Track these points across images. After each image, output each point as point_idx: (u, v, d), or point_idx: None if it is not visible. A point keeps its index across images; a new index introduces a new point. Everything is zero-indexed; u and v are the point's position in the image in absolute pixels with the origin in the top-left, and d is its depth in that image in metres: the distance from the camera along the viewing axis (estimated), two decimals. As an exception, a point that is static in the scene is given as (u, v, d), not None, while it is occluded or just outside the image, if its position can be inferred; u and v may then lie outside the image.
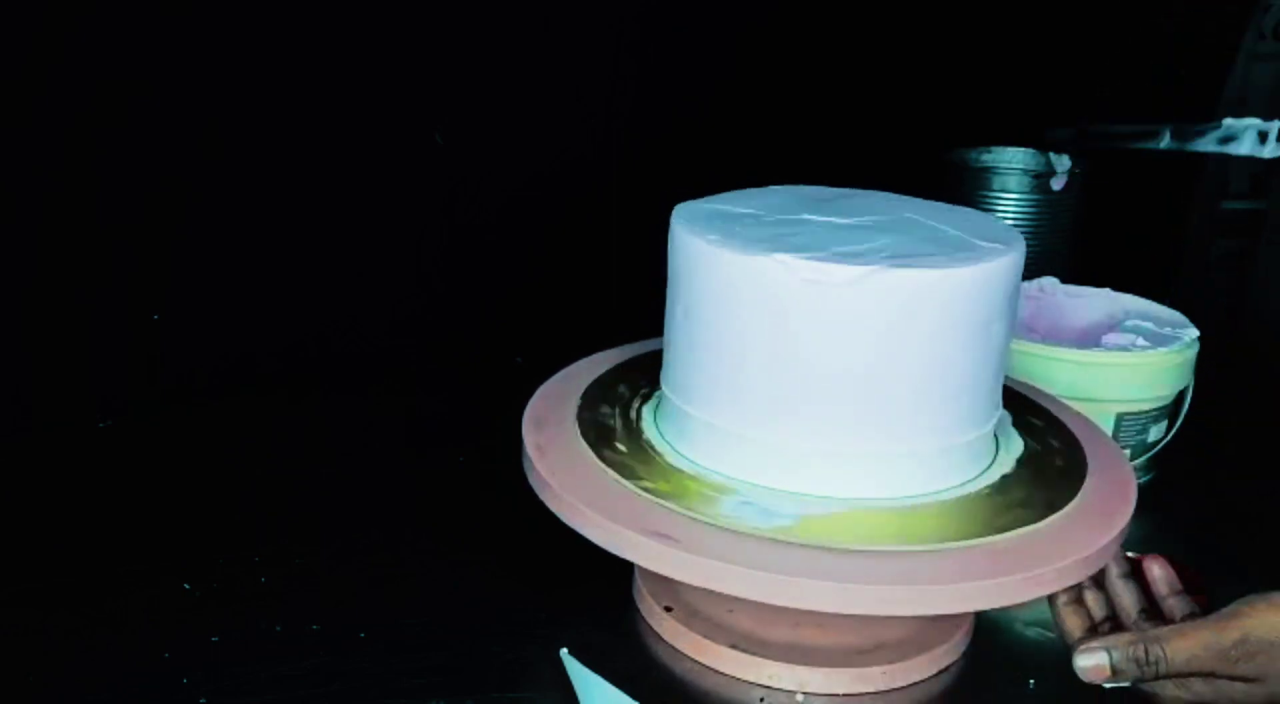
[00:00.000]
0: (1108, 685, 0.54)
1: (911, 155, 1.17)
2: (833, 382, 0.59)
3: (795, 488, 0.60)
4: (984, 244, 0.61)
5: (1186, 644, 0.52)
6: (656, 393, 0.70)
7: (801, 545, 0.56)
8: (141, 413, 0.88)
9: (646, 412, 0.69)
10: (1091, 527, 0.59)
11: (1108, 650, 0.54)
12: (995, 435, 0.67)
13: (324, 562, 0.71)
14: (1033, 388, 0.77)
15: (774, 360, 0.59)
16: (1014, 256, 0.61)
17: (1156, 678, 0.53)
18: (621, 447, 0.65)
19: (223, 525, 0.75)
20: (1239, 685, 0.52)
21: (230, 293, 0.92)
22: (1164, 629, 0.53)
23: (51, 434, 0.84)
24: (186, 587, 0.67)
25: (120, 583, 0.67)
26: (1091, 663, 0.54)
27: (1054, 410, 0.74)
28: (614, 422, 0.68)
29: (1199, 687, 0.53)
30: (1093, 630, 0.58)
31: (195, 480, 0.81)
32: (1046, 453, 0.67)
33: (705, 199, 0.69)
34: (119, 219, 0.85)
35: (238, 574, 0.69)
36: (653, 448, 0.65)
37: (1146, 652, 0.53)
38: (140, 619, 0.64)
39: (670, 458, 0.64)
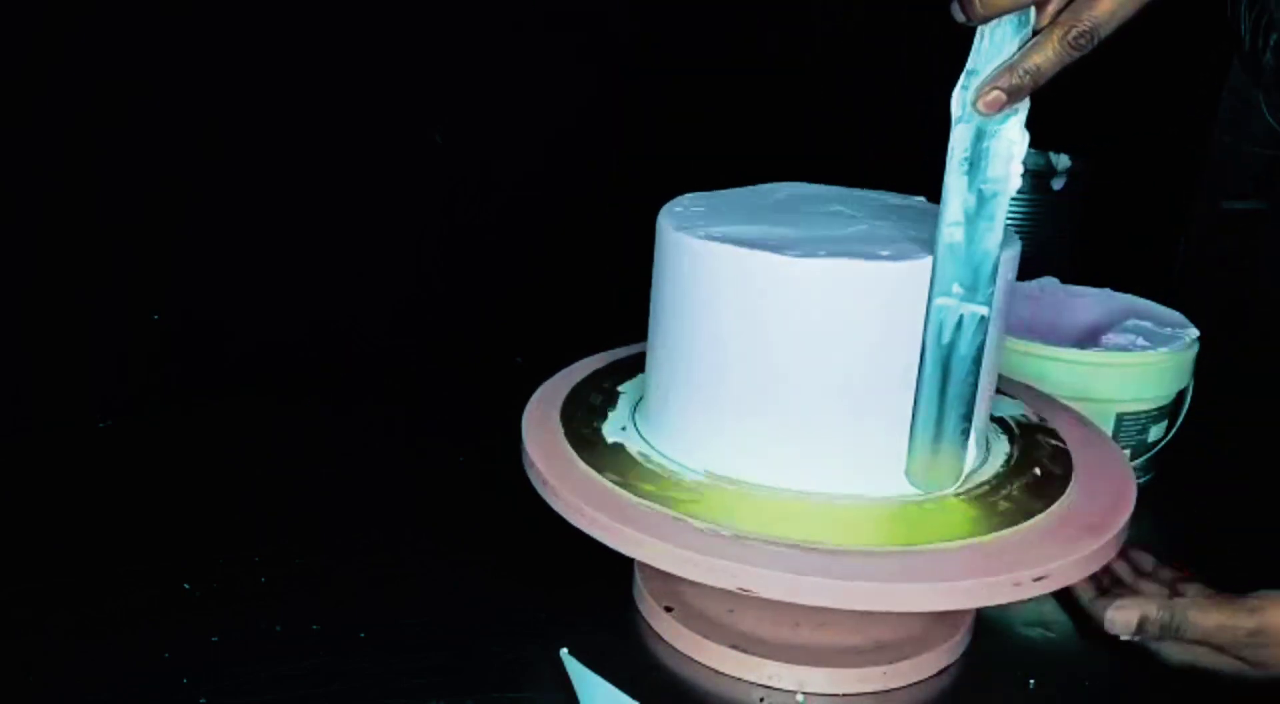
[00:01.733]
0: (1124, 637, 0.62)
1: (913, 155, 1.17)
2: (810, 377, 0.58)
3: (775, 483, 0.60)
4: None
5: (1206, 621, 0.60)
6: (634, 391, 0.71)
7: (800, 544, 0.56)
8: (141, 413, 0.88)
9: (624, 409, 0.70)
10: (1091, 527, 0.59)
11: (1140, 610, 0.61)
12: (988, 436, 0.67)
13: (324, 562, 0.71)
14: (1032, 388, 0.77)
15: (749, 357, 0.59)
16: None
17: (1172, 640, 0.61)
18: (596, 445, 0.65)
19: (223, 525, 0.75)
20: (1240, 663, 0.60)
21: (230, 293, 0.92)
22: (1189, 601, 0.62)
23: (51, 434, 0.84)
24: (186, 587, 0.67)
25: (120, 583, 0.67)
26: (1123, 618, 0.62)
27: (1053, 410, 0.74)
28: (595, 420, 0.68)
29: (1203, 654, 0.61)
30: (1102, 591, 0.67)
31: (195, 480, 0.81)
32: (1046, 453, 0.67)
33: (701, 194, 0.69)
34: (119, 219, 0.85)
35: (238, 574, 0.69)
36: (624, 448, 0.65)
37: (1172, 618, 0.61)
38: (140, 619, 0.64)
39: (648, 456, 0.64)
